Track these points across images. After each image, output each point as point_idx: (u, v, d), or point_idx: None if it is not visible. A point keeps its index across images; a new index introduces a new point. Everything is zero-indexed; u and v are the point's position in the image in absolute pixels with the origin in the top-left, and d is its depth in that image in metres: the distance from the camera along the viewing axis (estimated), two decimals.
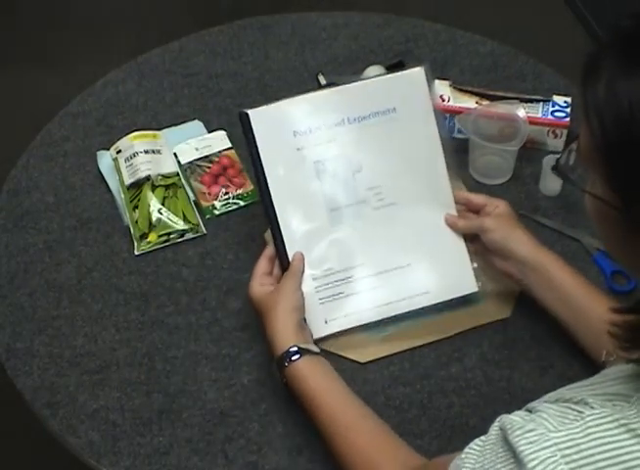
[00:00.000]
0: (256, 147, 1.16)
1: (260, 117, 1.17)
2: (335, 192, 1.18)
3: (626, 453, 0.69)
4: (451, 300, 1.19)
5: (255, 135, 1.16)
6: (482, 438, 0.78)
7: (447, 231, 1.19)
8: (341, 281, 1.16)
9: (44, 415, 1.11)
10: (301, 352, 1.05)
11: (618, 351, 0.76)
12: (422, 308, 1.17)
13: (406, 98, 1.20)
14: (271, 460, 1.07)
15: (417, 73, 1.20)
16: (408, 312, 1.17)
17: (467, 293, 1.19)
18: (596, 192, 0.75)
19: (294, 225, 1.16)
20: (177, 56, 1.61)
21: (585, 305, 1.09)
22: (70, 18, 3.06)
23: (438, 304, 1.18)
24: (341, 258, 1.17)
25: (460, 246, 1.19)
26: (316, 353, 1.07)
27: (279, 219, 1.16)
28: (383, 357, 1.16)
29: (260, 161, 1.16)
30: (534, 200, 1.35)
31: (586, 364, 1.10)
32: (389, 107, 1.19)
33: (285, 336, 1.07)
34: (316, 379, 1.04)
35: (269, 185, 1.16)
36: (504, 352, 1.17)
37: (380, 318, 1.16)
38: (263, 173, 1.16)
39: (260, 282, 1.13)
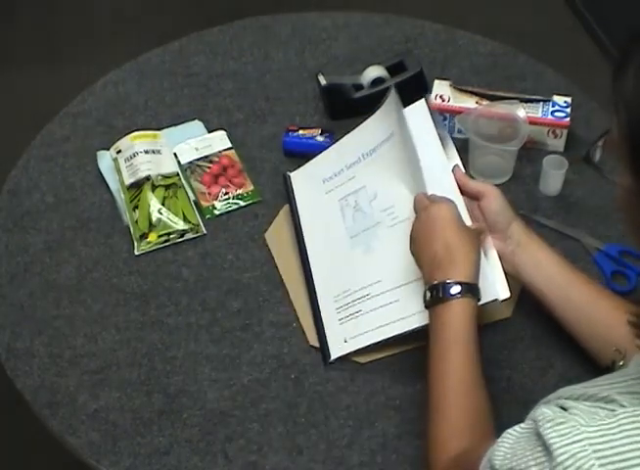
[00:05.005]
0: (295, 199, 1.33)
1: (299, 175, 1.36)
2: (355, 221, 1.25)
3: None
4: None
5: (294, 190, 1.34)
6: (522, 425, 0.77)
7: None
8: (358, 300, 1.18)
9: (44, 415, 1.11)
10: (473, 293, 1.02)
11: (637, 340, 0.76)
12: None
13: (405, 121, 1.23)
14: (271, 460, 1.07)
15: (419, 105, 1.25)
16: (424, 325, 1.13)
17: (484, 302, 1.11)
18: (624, 182, 0.76)
19: (319, 257, 1.25)
20: (177, 56, 1.61)
21: (566, 283, 1.10)
22: (71, 18, 3.06)
23: None
24: (358, 277, 1.20)
25: None
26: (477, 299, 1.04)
27: (309, 255, 1.26)
28: (383, 357, 1.16)
29: (297, 210, 1.32)
30: (534, 200, 1.35)
31: (587, 364, 1.10)
32: (389, 132, 1.24)
33: (473, 269, 1.03)
34: (461, 325, 1.01)
35: (303, 231, 1.29)
36: (504, 351, 1.17)
37: (397, 333, 1.13)
38: (299, 220, 1.30)
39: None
